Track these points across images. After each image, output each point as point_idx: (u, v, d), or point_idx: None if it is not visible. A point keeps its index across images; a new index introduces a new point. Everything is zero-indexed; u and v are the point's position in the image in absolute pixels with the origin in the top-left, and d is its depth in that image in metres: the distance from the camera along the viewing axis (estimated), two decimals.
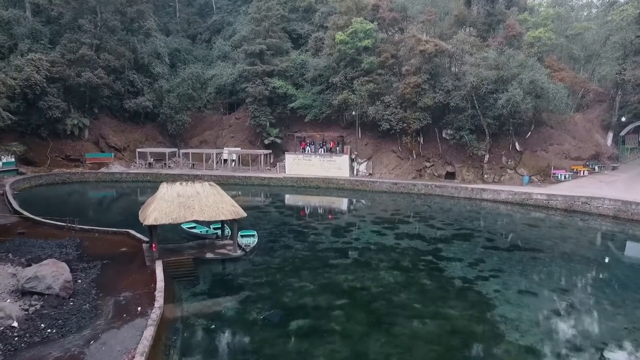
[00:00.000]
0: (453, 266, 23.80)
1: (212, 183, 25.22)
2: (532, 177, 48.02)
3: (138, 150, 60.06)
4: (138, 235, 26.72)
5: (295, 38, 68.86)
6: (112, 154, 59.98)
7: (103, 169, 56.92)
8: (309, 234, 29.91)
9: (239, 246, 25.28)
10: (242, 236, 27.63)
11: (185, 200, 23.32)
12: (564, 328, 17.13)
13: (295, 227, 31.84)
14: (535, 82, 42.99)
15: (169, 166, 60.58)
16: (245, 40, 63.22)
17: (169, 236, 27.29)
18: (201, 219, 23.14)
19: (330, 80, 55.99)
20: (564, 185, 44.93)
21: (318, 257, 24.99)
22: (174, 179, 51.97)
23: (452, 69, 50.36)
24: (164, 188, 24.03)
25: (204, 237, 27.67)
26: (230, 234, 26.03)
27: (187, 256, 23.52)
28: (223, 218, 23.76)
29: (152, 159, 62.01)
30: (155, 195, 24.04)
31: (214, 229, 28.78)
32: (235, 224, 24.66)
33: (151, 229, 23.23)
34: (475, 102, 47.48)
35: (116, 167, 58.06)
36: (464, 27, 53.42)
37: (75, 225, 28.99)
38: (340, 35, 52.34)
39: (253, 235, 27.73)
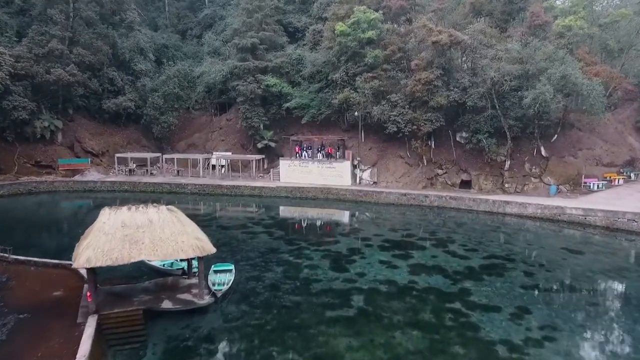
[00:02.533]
0: (490, 320, 17.83)
1: (171, 207, 19.21)
2: (560, 187, 42.01)
3: (117, 155, 54.19)
4: (82, 271, 20.79)
5: (291, 32, 62.94)
6: (89, 160, 54.07)
7: (77, 177, 51.06)
8: (302, 266, 23.95)
9: (209, 290, 19.35)
10: (215, 272, 21.72)
11: (133, 232, 17.37)
12: None
13: (285, 255, 25.87)
14: (567, 77, 36.99)
15: (151, 173, 54.69)
16: (236, 34, 57.28)
17: (122, 269, 21.27)
18: (152, 258, 17.20)
19: (329, 77, 50.04)
20: (598, 197, 38.92)
21: (312, 305, 19.02)
22: (154, 187, 46.37)
23: (469, 63, 44.31)
24: (105, 215, 18.05)
25: (166, 273, 21.70)
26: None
27: (136, 307, 17.55)
28: (183, 256, 17.81)
29: (134, 165, 56.18)
30: (93, 225, 18.06)
31: (180, 260, 22.82)
32: (202, 262, 18.72)
33: (88, 271, 17.32)
34: (495, 101, 41.50)
35: (92, 174, 52.19)
36: (480, 16, 47.35)
37: (8, 255, 23.10)
38: (340, 26, 46.36)
39: (230, 271, 21.78)
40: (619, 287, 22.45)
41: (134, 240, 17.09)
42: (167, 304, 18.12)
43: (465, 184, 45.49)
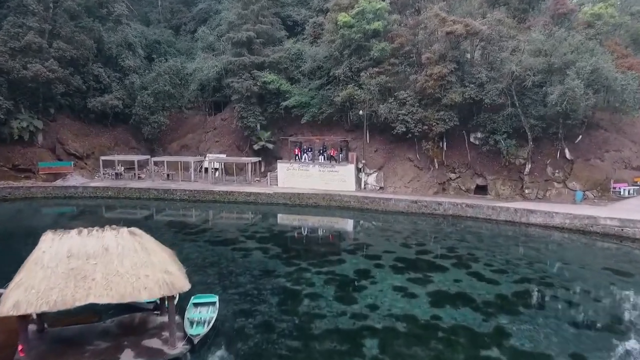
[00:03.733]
0: None
1: (135, 230, 15.13)
2: (586, 193, 38.02)
3: (102, 158, 50.20)
4: None
5: (290, 25, 58.95)
6: (72, 163, 50.15)
7: (59, 181, 47.09)
8: (301, 295, 19.94)
9: (184, 334, 15.34)
10: (195, 305, 17.73)
11: (82, 264, 13.41)
12: None
13: (282, 280, 21.86)
14: (599, 71, 33.02)
15: (139, 177, 50.73)
16: (231, 28, 53.28)
17: None
18: (104, 300, 13.15)
19: (331, 73, 46.01)
20: (630, 204, 34.95)
21: (314, 355, 15.01)
22: (140, 193, 42.43)
23: (486, 56, 40.26)
24: (46, 242, 14.06)
25: (134, 308, 17.64)
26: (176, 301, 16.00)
27: None
28: (145, 296, 13.76)
29: (122, 168, 52.29)
30: (30, 255, 14.03)
31: None
32: (173, 302, 14.74)
33: (19, 319, 13.30)
34: (515, 98, 37.49)
35: (75, 179, 48.21)
36: (497, 6, 43.28)
37: None
38: (344, 17, 42.38)
39: (213, 305, 17.77)
40: None
41: (82, 276, 13.11)
42: (127, 356, 14.10)
43: (481, 190, 41.52)
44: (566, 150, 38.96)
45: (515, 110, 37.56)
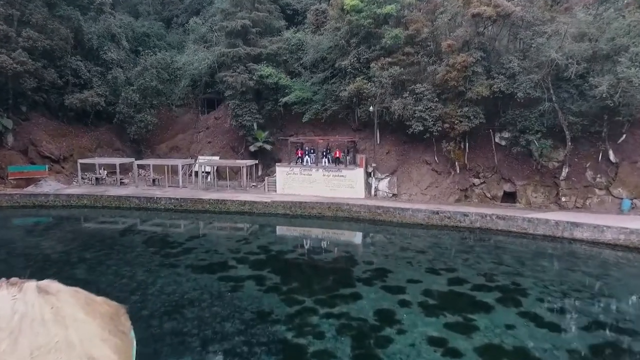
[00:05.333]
0: None
1: (50, 286, 9.69)
2: (634, 201, 32.77)
3: (80, 161, 44.88)
4: None
5: (289, 15, 53.73)
6: (46, 167, 44.77)
7: (30, 187, 41.81)
8: (308, 354, 14.64)
9: None
10: None
11: None
12: None
13: (281, 328, 16.53)
14: None
15: (122, 182, 45.43)
16: (225, 17, 47.99)
17: None
18: None
19: (336, 65, 40.74)
20: None
21: None
22: (119, 202, 37.19)
23: (518, 43, 34.95)
24: None
25: None
26: None
27: None
28: None
29: (104, 173, 47.02)
30: None
31: None
32: None
33: None
34: (552, 91, 32.22)
35: (50, 185, 42.97)
36: None
37: None
38: (351, 0, 37.07)
39: None
40: None
41: None
42: None
43: (509, 197, 36.29)
44: (610, 152, 33.67)
45: (552, 105, 32.23)
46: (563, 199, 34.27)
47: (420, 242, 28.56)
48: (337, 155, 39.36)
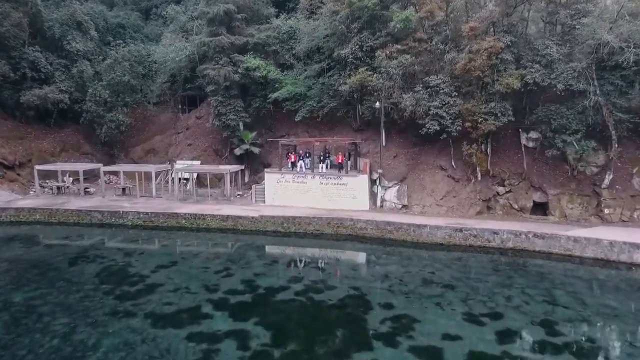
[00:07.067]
0: None
1: None
2: None
3: (37, 167, 38.71)
4: None
5: (280, 1, 47.78)
6: (0, 174, 38.63)
7: None
8: None
9: None
10: None
11: None
12: None
13: None
14: None
15: (87, 191, 39.31)
16: (207, 1, 41.95)
17: None
18: None
19: (335, 55, 34.90)
20: None
21: None
22: (79, 217, 31.35)
23: (556, 26, 29.41)
24: None
25: None
26: None
27: None
28: None
29: (70, 180, 40.94)
30: None
31: None
32: None
33: None
34: (596, 82, 26.78)
35: (1, 195, 36.74)
36: None
37: None
38: None
39: None
40: None
41: None
42: None
43: (539, 208, 30.90)
44: None
45: (596, 99, 26.76)
46: (606, 210, 28.88)
47: (445, 271, 22.89)
48: (340, 161, 33.51)
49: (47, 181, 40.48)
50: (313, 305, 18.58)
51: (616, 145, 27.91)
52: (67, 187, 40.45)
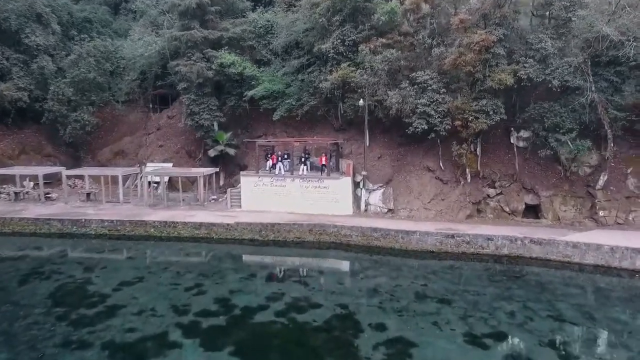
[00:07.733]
0: None
1: None
2: None
3: None
4: None
5: None
6: None
7: None
8: None
9: None
10: None
11: None
12: None
13: None
14: None
15: (48, 197, 36.33)
16: None
17: None
18: None
19: (315, 50, 32.82)
20: None
21: None
22: (36, 226, 28.62)
23: (549, 19, 27.92)
24: None
25: None
26: None
27: None
28: None
29: (31, 185, 37.86)
30: None
31: None
32: None
33: None
34: (592, 78, 25.41)
35: None
36: None
37: None
38: None
39: None
40: None
41: None
42: None
43: (531, 211, 29.46)
44: None
45: (592, 96, 25.35)
46: (601, 213, 27.62)
47: (439, 283, 21.07)
48: (323, 162, 31.42)
49: (4, 186, 37.35)
50: (296, 327, 16.45)
51: (612, 145, 26.61)
52: (27, 192, 37.39)
